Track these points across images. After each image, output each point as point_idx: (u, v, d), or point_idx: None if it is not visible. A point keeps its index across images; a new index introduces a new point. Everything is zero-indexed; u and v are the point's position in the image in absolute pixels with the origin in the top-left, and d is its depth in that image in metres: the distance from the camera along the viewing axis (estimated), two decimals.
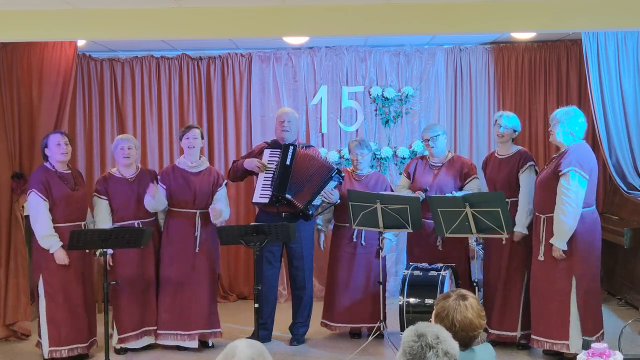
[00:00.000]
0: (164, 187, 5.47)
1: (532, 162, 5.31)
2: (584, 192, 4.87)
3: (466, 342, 2.82)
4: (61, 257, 5.13)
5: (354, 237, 5.71)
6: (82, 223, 5.32)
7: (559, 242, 4.88)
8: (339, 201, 5.67)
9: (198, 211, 5.49)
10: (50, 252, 5.13)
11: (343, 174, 5.74)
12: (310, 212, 5.56)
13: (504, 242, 5.25)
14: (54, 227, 5.15)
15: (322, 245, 5.97)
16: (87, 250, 5.24)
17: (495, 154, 5.53)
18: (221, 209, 5.45)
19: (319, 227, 5.93)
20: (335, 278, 5.78)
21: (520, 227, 5.23)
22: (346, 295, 5.72)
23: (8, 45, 5.80)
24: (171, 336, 5.48)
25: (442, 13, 5.07)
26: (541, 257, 5.02)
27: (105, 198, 5.38)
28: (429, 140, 5.65)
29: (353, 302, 5.70)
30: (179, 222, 5.48)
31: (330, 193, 5.59)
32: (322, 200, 5.63)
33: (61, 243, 5.11)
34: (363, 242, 5.71)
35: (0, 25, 5.07)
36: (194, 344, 5.49)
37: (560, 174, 4.86)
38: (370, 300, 5.68)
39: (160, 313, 5.49)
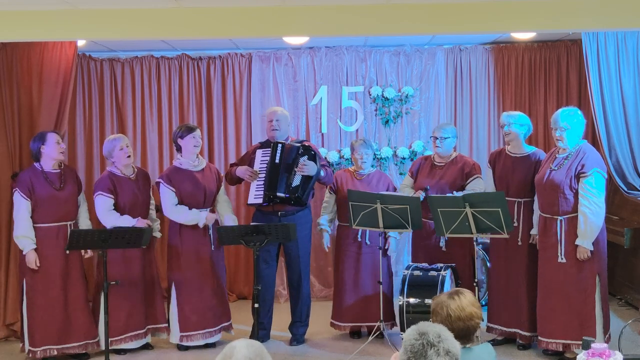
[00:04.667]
0: (173, 189, 5.45)
1: None
2: (604, 192, 4.91)
3: (465, 333, 2.83)
4: (31, 260, 5.14)
5: (359, 236, 5.70)
6: (69, 223, 5.30)
7: (587, 242, 4.86)
8: (321, 172, 5.58)
9: (208, 209, 5.54)
10: (23, 253, 5.16)
11: (309, 146, 5.63)
12: (297, 195, 5.49)
13: (519, 243, 5.25)
14: (38, 227, 5.18)
15: (326, 246, 5.95)
16: (67, 252, 5.23)
17: (507, 151, 5.47)
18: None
19: (322, 227, 5.90)
20: (342, 278, 5.76)
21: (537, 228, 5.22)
22: (354, 295, 5.70)
23: (8, 45, 5.80)
24: (201, 335, 5.50)
25: (442, 13, 5.07)
26: (562, 259, 4.97)
27: (112, 197, 5.33)
28: (437, 138, 5.65)
29: (361, 301, 5.68)
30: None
31: (303, 165, 5.48)
32: (301, 176, 5.51)
33: (34, 246, 5.15)
34: (368, 241, 5.70)
35: (0, 25, 5.07)
36: (218, 337, 5.58)
37: (583, 175, 4.86)
38: (378, 299, 5.66)
39: (187, 316, 5.48)
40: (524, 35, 6.86)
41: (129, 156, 5.41)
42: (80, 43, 6.36)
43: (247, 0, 4.98)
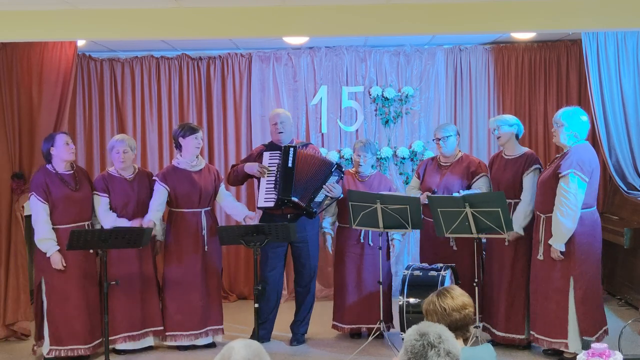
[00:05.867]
0: (168, 188, 5.45)
1: (537, 165, 5.28)
2: (583, 195, 4.87)
3: (462, 324, 2.85)
4: (56, 261, 5.16)
5: (362, 238, 5.70)
6: (86, 223, 5.32)
7: (557, 244, 4.88)
8: (342, 195, 5.66)
9: (202, 210, 5.51)
10: (47, 255, 5.17)
11: (343, 169, 5.75)
12: (314, 210, 5.55)
13: (506, 243, 5.25)
14: (57, 229, 5.19)
15: (330, 248, 5.90)
16: (90, 251, 5.26)
17: (502, 154, 5.50)
18: (253, 214, 5.67)
19: (325, 230, 5.87)
20: (344, 280, 5.74)
21: (517, 227, 5.20)
22: (356, 296, 5.69)
23: (8, 45, 5.80)
24: (185, 337, 5.49)
25: (442, 13, 5.07)
26: (540, 257, 5.04)
27: (106, 195, 5.36)
28: (440, 139, 5.65)
29: (363, 302, 5.67)
30: (186, 223, 5.48)
31: (332, 187, 5.58)
32: (325, 196, 5.62)
33: (57, 247, 5.16)
34: (370, 242, 5.70)
35: (0, 25, 5.07)
36: (209, 340, 5.56)
37: (560, 175, 4.87)
38: (379, 300, 5.65)
39: (172, 315, 5.48)
40: (524, 35, 6.86)
41: (122, 161, 5.38)
42: (80, 43, 6.36)
43: (247, 0, 4.98)
